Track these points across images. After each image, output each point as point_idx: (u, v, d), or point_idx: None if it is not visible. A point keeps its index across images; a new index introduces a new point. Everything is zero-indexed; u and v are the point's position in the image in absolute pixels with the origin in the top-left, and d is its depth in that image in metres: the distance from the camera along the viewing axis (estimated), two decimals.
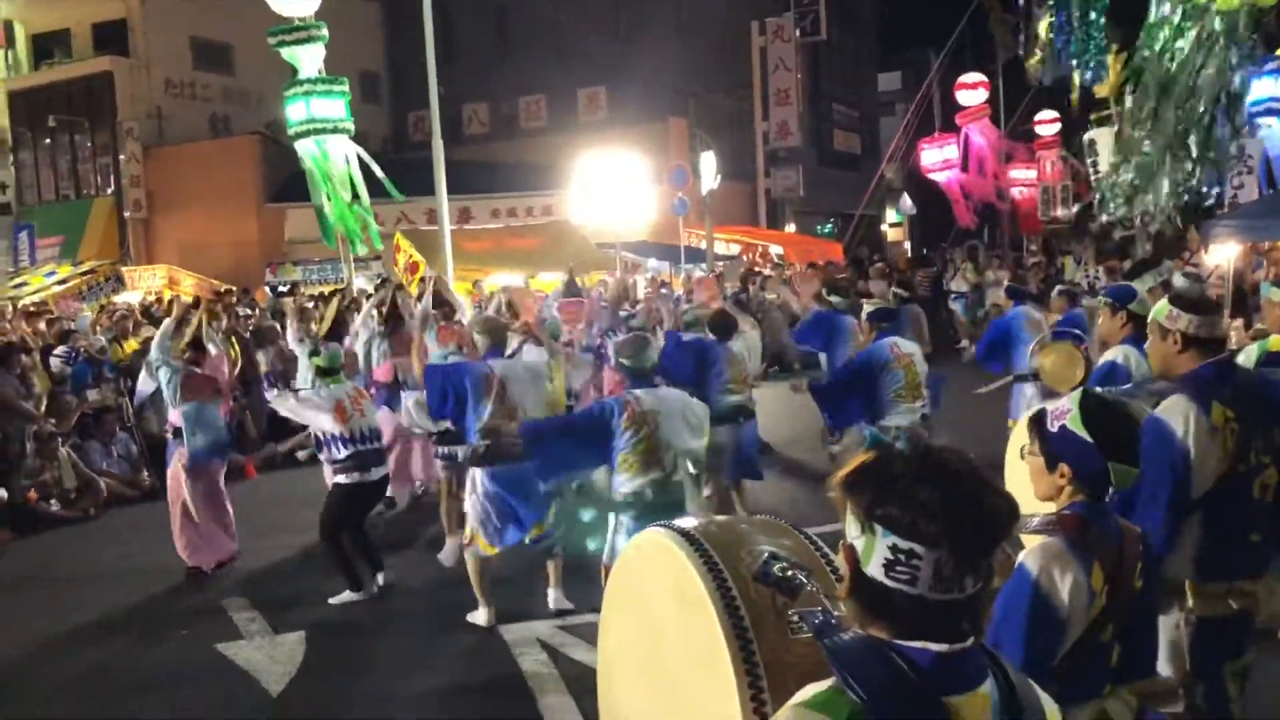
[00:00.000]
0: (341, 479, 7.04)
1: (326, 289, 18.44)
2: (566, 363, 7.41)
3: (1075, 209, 25.52)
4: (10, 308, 18.94)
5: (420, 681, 5.66)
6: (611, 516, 5.04)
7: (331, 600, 6.97)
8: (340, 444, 6.94)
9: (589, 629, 6.08)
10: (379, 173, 13.61)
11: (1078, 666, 2.37)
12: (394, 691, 5.57)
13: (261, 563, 8.12)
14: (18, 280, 24.48)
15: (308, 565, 7.84)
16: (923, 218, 36.36)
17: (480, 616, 6.38)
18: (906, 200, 34.90)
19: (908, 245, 39.81)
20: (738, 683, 1.80)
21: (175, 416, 7.88)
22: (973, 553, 1.49)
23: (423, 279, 13.33)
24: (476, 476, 6.29)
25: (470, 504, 6.33)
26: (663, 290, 14.68)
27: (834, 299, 10.48)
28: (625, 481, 4.95)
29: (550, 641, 6.01)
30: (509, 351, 6.81)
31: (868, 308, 7.68)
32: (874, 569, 1.50)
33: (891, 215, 39.92)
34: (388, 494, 9.12)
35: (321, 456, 7.33)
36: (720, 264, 22.22)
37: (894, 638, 1.51)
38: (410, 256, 16.57)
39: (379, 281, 18.17)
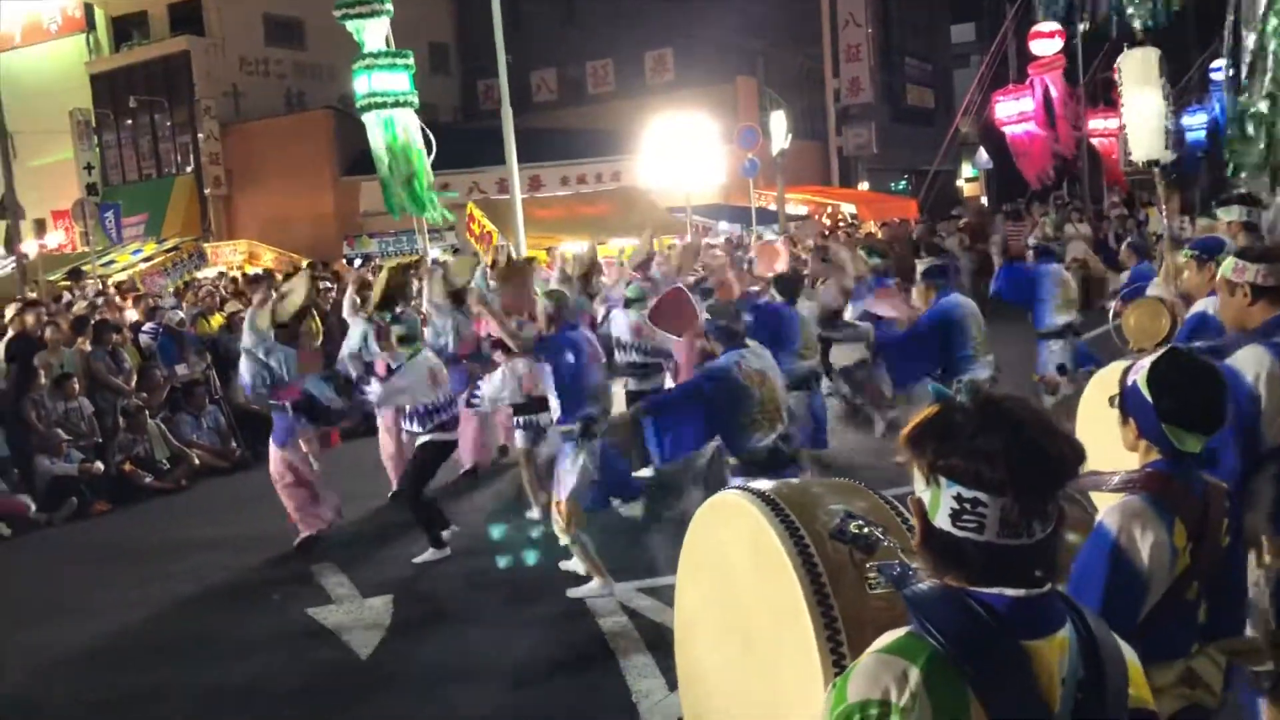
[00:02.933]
0: (430, 438, 7.31)
1: (404, 260, 18.65)
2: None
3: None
4: (100, 285, 19.54)
5: (504, 644, 5.78)
6: (736, 478, 4.89)
7: (415, 559, 7.14)
8: (434, 409, 7.24)
9: (667, 591, 6.13)
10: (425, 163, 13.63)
11: (1163, 625, 2.34)
12: (479, 653, 5.69)
13: (347, 529, 8.32)
14: (106, 258, 25.18)
15: (390, 530, 8.03)
16: (999, 172, 35.55)
17: (594, 586, 6.24)
18: (982, 154, 34.10)
19: (984, 200, 39.02)
20: (817, 637, 1.83)
21: (289, 393, 7.95)
22: (1037, 498, 1.51)
23: (496, 248, 13.44)
24: (581, 446, 6.17)
25: (567, 472, 6.21)
26: (736, 253, 14.55)
27: (874, 260, 10.31)
28: (754, 441, 4.93)
29: (630, 604, 6.09)
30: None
31: (921, 266, 7.50)
32: (941, 520, 1.53)
33: (967, 170, 39.10)
34: (471, 464, 9.31)
35: (407, 426, 7.46)
36: (793, 224, 22.03)
37: (969, 585, 1.54)
38: (483, 226, 16.72)
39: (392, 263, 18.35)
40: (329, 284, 15.40)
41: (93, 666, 6.13)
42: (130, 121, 30.99)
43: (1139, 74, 7.53)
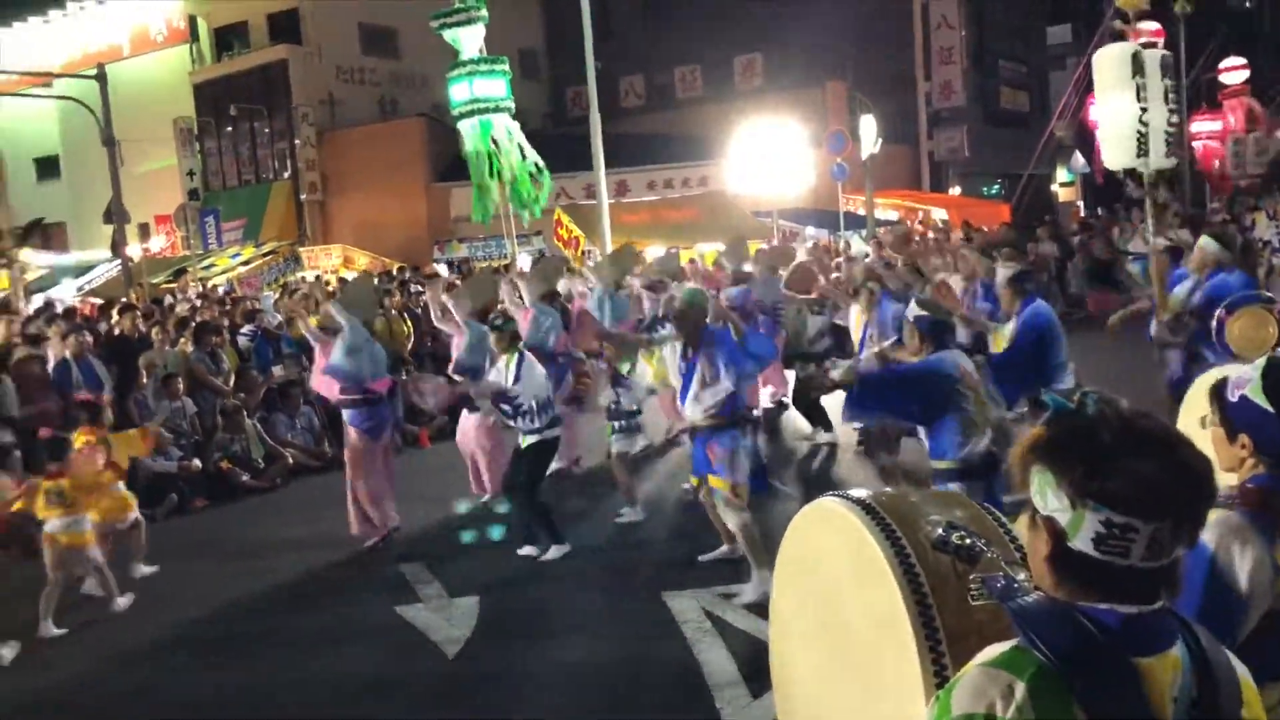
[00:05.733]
0: (536, 439, 7.41)
1: (494, 264, 18.89)
2: None
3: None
4: (201, 288, 20.14)
5: (589, 647, 5.79)
6: (946, 485, 4.73)
7: (541, 557, 7.23)
8: (542, 408, 7.35)
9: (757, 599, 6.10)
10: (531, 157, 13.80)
11: (1265, 645, 2.23)
12: (563, 657, 5.71)
13: (435, 529, 8.44)
14: (207, 262, 25.96)
15: (480, 532, 8.11)
16: (1094, 176, 34.68)
17: (751, 586, 6.09)
18: (1078, 158, 33.28)
19: (1080, 205, 38.08)
20: (918, 647, 1.79)
21: (383, 383, 8.23)
22: (1190, 522, 1.47)
23: (583, 253, 13.52)
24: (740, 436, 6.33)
25: (732, 460, 6.21)
26: (824, 258, 14.41)
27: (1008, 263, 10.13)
28: (963, 445, 4.79)
29: (715, 610, 6.05)
30: None
31: (1004, 271, 7.28)
32: (1082, 543, 1.46)
33: (1062, 174, 38.17)
34: (565, 462, 9.39)
35: (516, 424, 7.51)
36: (881, 229, 21.76)
37: (1081, 600, 1.48)
38: (570, 231, 16.83)
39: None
40: (419, 288, 15.64)
41: (187, 658, 6.31)
42: (230, 129, 31.93)
43: (1113, 73, 7.08)
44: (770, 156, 19.15)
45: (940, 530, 1.91)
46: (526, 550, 7.35)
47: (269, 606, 7.13)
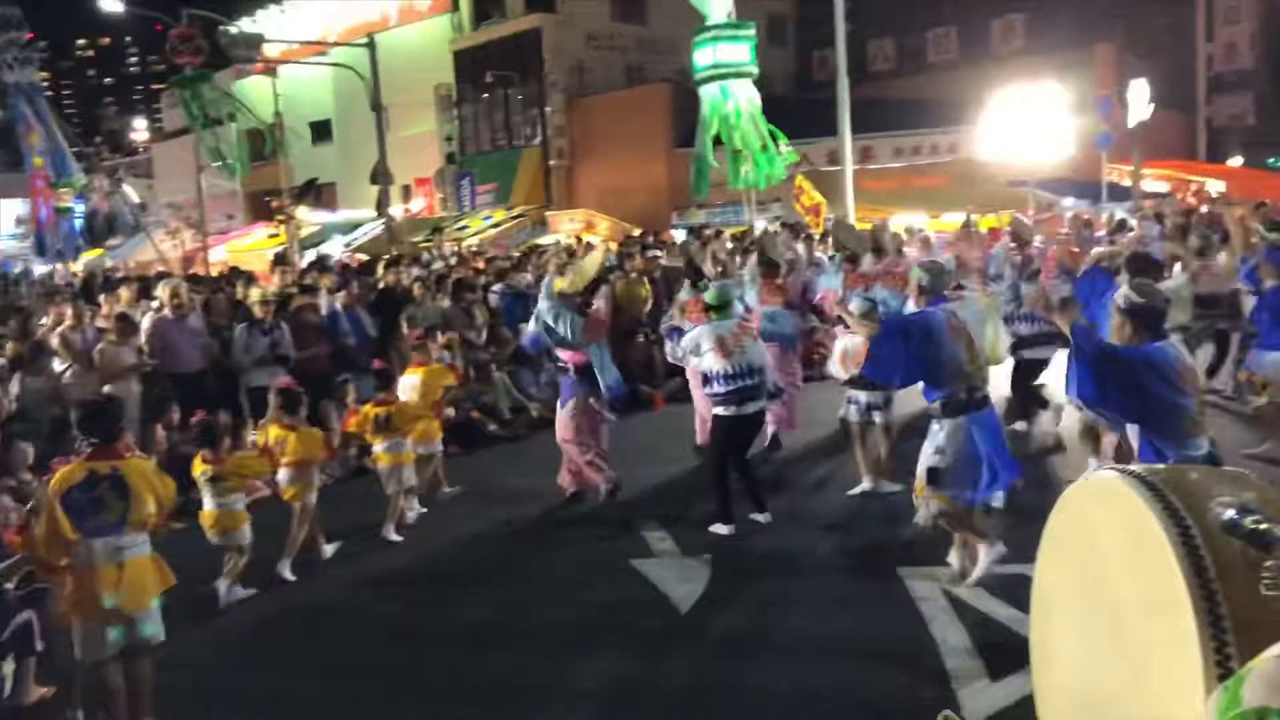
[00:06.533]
0: (720, 411, 7.27)
1: (735, 230, 18.92)
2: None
3: None
4: (456, 247, 21.19)
5: (821, 616, 5.75)
6: None
7: (711, 529, 7.20)
8: (720, 379, 7.17)
9: (991, 580, 5.89)
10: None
11: None
12: (795, 624, 5.70)
13: (669, 487, 8.57)
14: (461, 223, 27.27)
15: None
16: None
17: (982, 560, 5.91)
18: None
19: None
20: (1199, 636, 1.67)
21: (572, 356, 8.26)
22: None
23: (826, 219, 13.32)
24: (945, 425, 5.88)
25: (929, 454, 5.93)
26: (1084, 232, 13.60)
27: (1273, 235, 9.26)
28: (1191, 447, 4.41)
29: (951, 590, 5.88)
30: None
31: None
32: None
33: None
34: (773, 437, 9.29)
35: (706, 390, 7.52)
36: (1148, 202, 20.36)
37: None
38: (812, 199, 16.59)
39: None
40: (658, 253, 15.86)
41: (432, 590, 6.75)
42: (486, 95, 33.26)
43: None
44: (1028, 123, 18.20)
45: (1231, 513, 1.77)
46: (755, 516, 7.34)
47: (510, 549, 7.48)
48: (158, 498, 4.78)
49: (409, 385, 8.36)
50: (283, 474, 7.09)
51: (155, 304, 10.65)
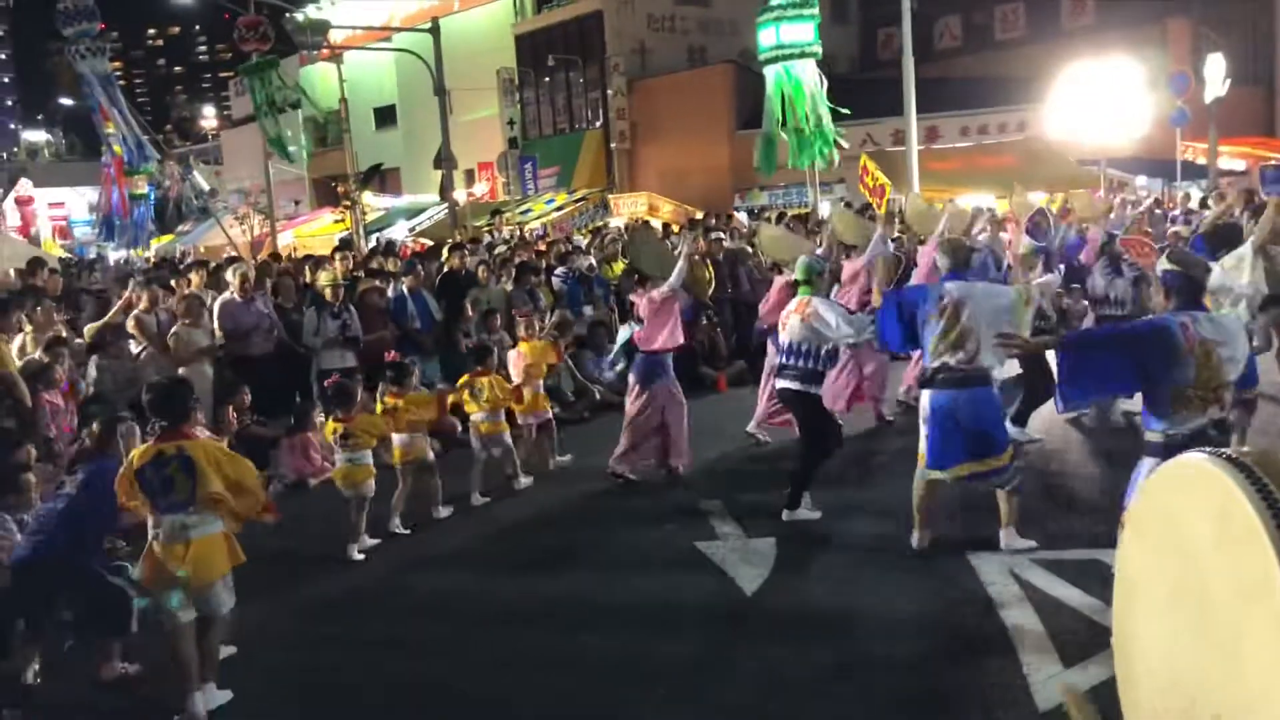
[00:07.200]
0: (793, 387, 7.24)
1: (796, 211, 18.78)
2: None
3: None
4: (516, 229, 21.28)
5: (887, 601, 5.68)
6: (1152, 460, 4.41)
7: (784, 515, 7.15)
8: (833, 357, 7.28)
9: (1064, 566, 5.79)
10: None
11: None
12: (862, 605, 5.65)
13: (735, 470, 8.55)
14: (524, 207, 27.37)
15: (777, 476, 8.14)
16: None
17: (914, 539, 6.37)
18: None
19: None
20: None
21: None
22: None
23: (889, 201, 13.15)
24: (925, 398, 6.19)
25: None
26: (1156, 211, 13.26)
27: None
28: (1177, 421, 4.41)
29: (1023, 574, 5.79)
30: None
31: None
32: None
33: None
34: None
35: (816, 367, 7.41)
36: (1224, 180, 19.82)
37: None
38: (876, 179, 16.39)
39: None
40: (721, 234, 15.78)
41: (500, 566, 6.78)
42: (548, 79, 33.34)
43: None
44: (1099, 100, 17.77)
45: None
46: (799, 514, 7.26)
47: (577, 528, 7.53)
48: (228, 478, 4.91)
49: (515, 358, 9.04)
50: (397, 438, 7.62)
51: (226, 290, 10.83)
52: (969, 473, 6.10)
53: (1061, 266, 10.33)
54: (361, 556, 7.08)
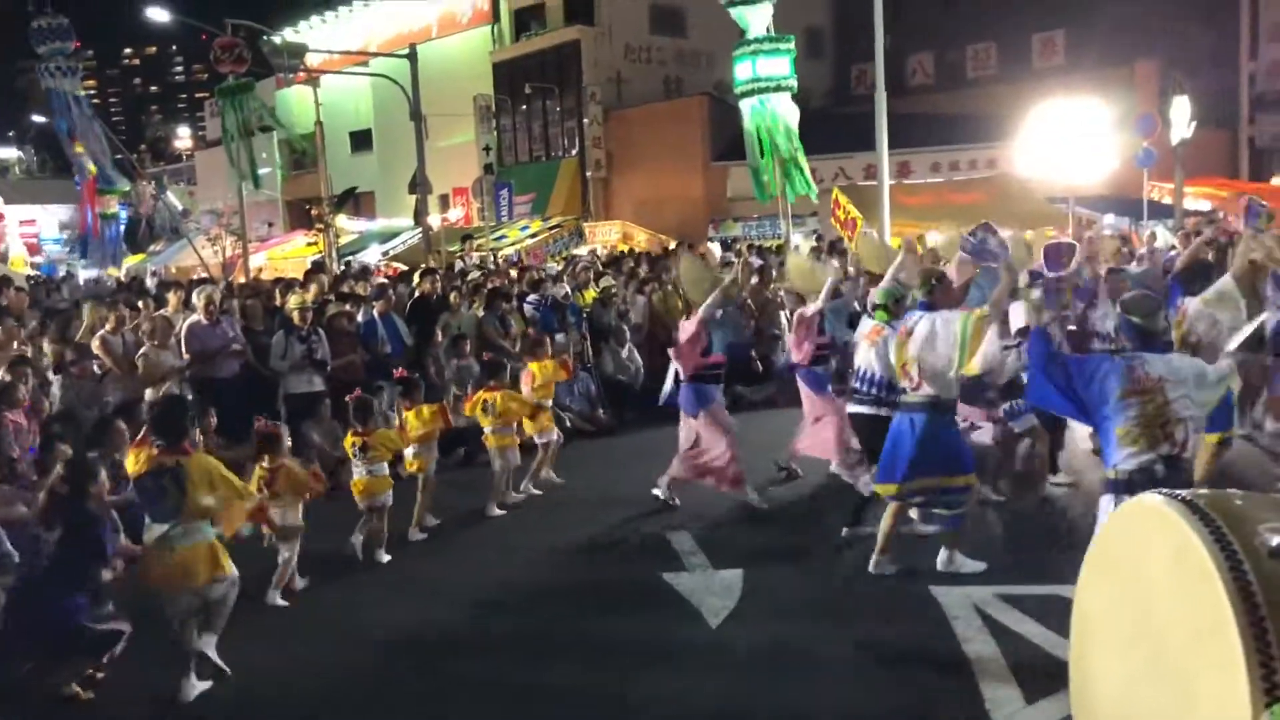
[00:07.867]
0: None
1: (770, 244, 18.89)
2: None
3: None
4: (489, 255, 21.26)
5: (853, 635, 5.68)
6: (1108, 496, 4.52)
7: (844, 531, 7.25)
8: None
9: (1028, 600, 5.82)
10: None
11: None
12: (827, 641, 5.64)
13: (702, 501, 8.54)
14: (498, 233, 27.36)
15: (745, 506, 8.15)
16: None
17: (872, 562, 6.52)
18: None
19: None
20: (1246, 661, 1.62)
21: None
22: None
23: (863, 234, 13.25)
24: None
25: None
26: (1124, 250, 13.37)
27: None
28: (1123, 456, 4.46)
29: (986, 609, 5.81)
30: None
31: None
32: None
33: None
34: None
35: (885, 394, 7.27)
36: (1189, 220, 20.10)
37: None
38: (848, 213, 16.53)
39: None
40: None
41: (469, 600, 6.69)
42: (525, 107, 33.44)
43: None
44: (1068, 139, 18.00)
45: (1279, 539, 1.73)
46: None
47: (545, 559, 7.46)
48: (218, 493, 5.25)
49: (525, 377, 9.34)
50: (408, 450, 8.04)
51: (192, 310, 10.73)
52: (939, 486, 6.25)
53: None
54: (389, 558, 7.49)
